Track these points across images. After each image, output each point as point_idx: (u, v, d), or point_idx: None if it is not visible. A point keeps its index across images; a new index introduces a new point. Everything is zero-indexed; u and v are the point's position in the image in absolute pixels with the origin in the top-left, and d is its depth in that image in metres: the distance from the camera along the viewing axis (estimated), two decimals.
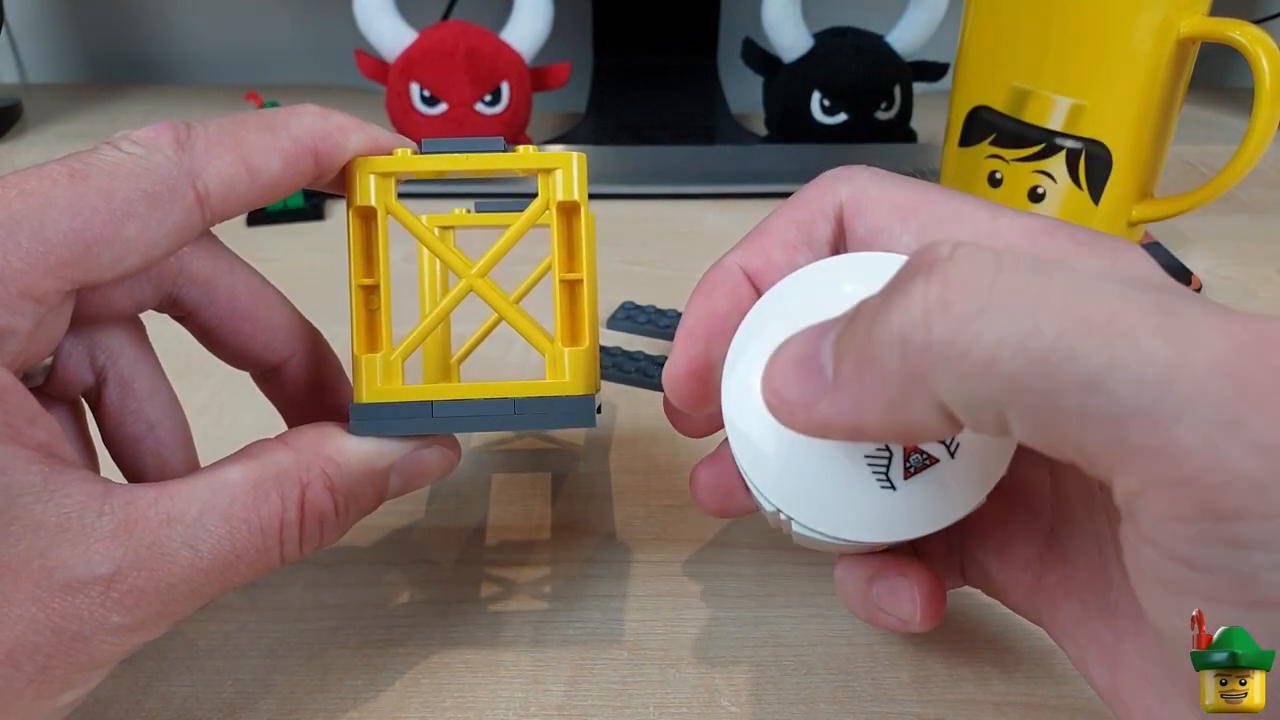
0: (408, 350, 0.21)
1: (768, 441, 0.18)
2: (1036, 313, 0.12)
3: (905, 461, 0.17)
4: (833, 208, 0.20)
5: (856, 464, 0.17)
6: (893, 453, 0.17)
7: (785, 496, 0.18)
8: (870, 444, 0.17)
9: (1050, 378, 0.12)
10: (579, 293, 0.21)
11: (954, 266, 0.13)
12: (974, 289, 0.13)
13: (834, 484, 0.17)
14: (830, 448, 0.17)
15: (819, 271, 0.19)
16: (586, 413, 0.20)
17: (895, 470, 0.17)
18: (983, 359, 0.13)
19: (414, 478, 0.21)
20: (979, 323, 0.13)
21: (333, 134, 0.20)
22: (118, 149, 0.17)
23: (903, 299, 0.13)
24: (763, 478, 0.18)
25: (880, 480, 0.17)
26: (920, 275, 0.13)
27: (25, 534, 0.16)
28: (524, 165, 0.21)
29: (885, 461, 0.17)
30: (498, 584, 0.26)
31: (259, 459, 0.19)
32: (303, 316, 0.23)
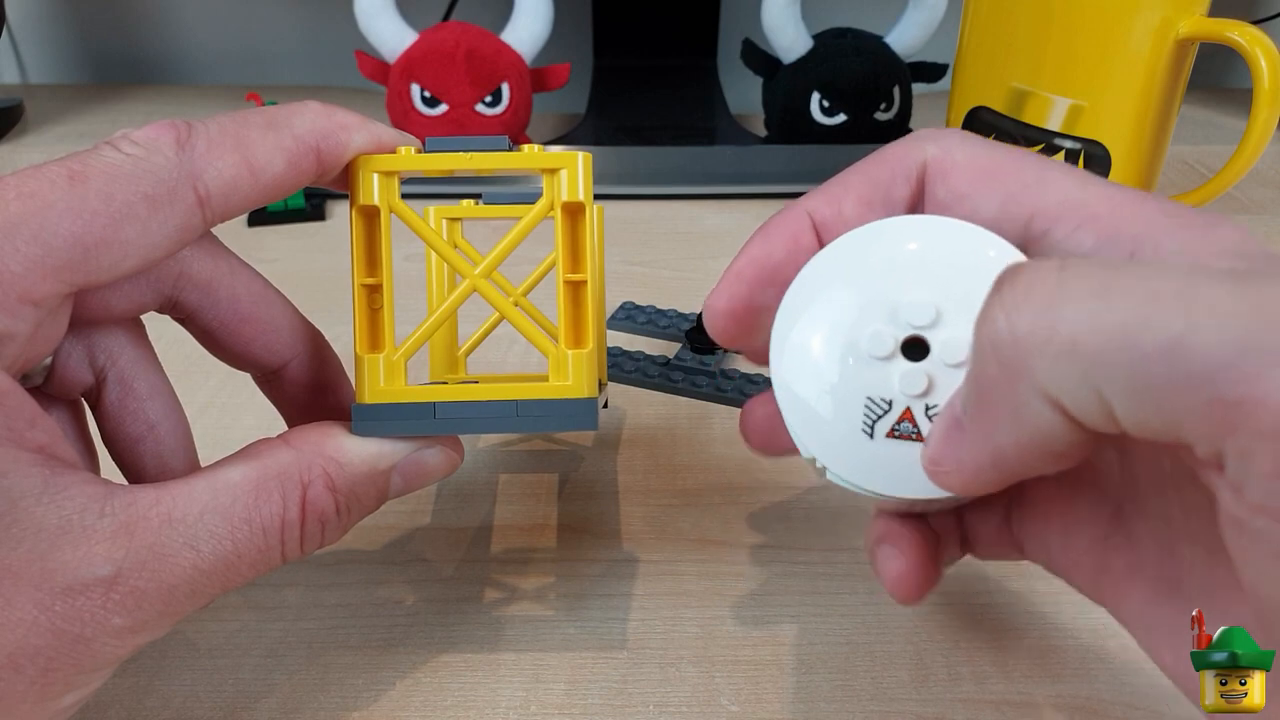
0: (410, 351, 0.21)
1: (811, 396, 0.18)
2: (1107, 294, 0.13)
3: (895, 424, 0.18)
4: (915, 167, 0.19)
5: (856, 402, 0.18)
6: (890, 409, 0.18)
7: (821, 447, 0.18)
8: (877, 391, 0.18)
9: (1132, 348, 0.13)
10: (583, 294, 0.21)
11: (1021, 276, 0.14)
12: (1043, 288, 0.14)
13: (832, 412, 0.18)
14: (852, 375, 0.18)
15: (879, 231, 0.18)
16: (589, 416, 0.20)
17: (882, 425, 0.18)
18: (1066, 341, 0.13)
19: (416, 478, 0.21)
20: (1054, 312, 0.13)
21: (336, 132, 0.20)
22: (118, 150, 0.17)
23: (984, 319, 0.15)
24: (804, 429, 0.18)
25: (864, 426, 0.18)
26: (993, 295, 0.14)
27: (26, 537, 0.16)
28: (529, 165, 0.21)
29: (879, 413, 0.18)
30: (498, 584, 0.26)
31: (260, 459, 0.19)
32: (304, 318, 0.23)
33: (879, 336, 0.17)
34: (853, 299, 0.18)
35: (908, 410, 0.18)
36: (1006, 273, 0.15)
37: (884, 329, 0.18)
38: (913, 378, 0.17)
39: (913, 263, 0.18)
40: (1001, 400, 0.15)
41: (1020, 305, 0.14)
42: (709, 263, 0.45)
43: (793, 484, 0.30)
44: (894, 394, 0.18)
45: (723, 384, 0.34)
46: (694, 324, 0.37)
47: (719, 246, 0.47)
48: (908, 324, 0.17)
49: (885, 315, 0.18)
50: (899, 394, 0.17)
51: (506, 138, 0.21)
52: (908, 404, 0.17)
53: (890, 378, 0.18)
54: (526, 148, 0.21)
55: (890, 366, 0.18)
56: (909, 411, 0.18)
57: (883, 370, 0.18)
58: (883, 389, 0.18)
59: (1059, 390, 0.14)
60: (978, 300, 0.15)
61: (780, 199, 0.52)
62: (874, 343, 0.17)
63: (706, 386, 0.34)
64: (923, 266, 0.18)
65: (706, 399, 0.34)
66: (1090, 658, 0.24)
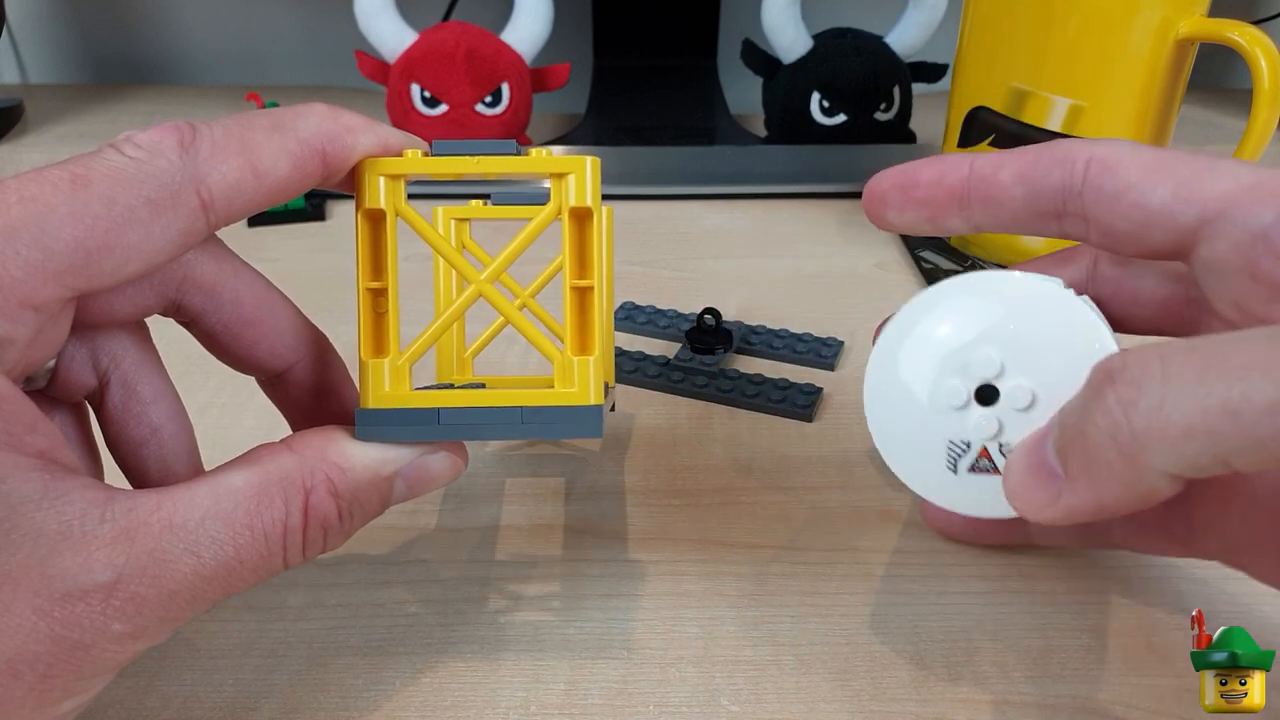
0: (415, 356, 0.20)
1: (902, 442, 0.22)
2: (1203, 380, 0.15)
3: (974, 461, 0.21)
4: (1079, 161, 0.21)
5: (940, 445, 0.21)
6: (969, 450, 0.21)
7: (917, 483, 0.22)
8: (958, 435, 0.21)
9: (1240, 419, 0.14)
10: (590, 300, 0.21)
11: (1129, 371, 0.16)
12: (1150, 383, 0.15)
13: (920, 454, 0.22)
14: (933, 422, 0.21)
15: (981, 280, 0.21)
16: (594, 423, 0.20)
17: (964, 463, 0.21)
18: (1181, 432, 0.15)
19: (419, 484, 0.21)
20: (1165, 408, 0.15)
21: (341, 135, 0.19)
22: (121, 153, 0.17)
23: (1100, 405, 0.16)
24: (900, 468, 0.22)
25: (949, 464, 0.21)
26: (1107, 385, 0.16)
27: (25, 542, 0.16)
28: (536, 169, 0.20)
29: (960, 453, 0.21)
30: (498, 585, 0.26)
31: (262, 463, 0.19)
32: (308, 321, 0.23)
33: (954, 390, 0.21)
34: (930, 353, 0.21)
35: (984, 450, 0.21)
36: (1113, 364, 0.16)
37: (958, 383, 0.21)
38: (986, 422, 0.21)
39: (990, 320, 0.21)
40: (1115, 475, 0.16)
41: (1134, 402, 0.16)
42: (709, 263, 0.45)
43: (793, 484, 0.30)
44: (971, 437, 0.21)
45: (723, 384, 0.34)
46: (694, 324, 0.37)
47: (719, 246, 0.47)
48: (978, 376, 0.21)
49: (958, 369, 0.21)
50: (976, 437, 0.21)
51: (514, 141, 0.20)
52: (984, 444, 0.21)
53: (967, 423, 0.21)
54: (534, 151, 0.20)
55: (965, 414, 0.21)
56: (985, 451, 0.21)
57: (960, 417, 0.21)
58: (962, 434, 0.21)
59: (1175, 468, 0.15)
60: (1043, 355, 0.20)
61: (780, 199, 0.52)
62: (951, 395, 0.21)
63: (706, 386, 0.34)
64: (998, 323, 0.21)
65: (706, 399, 0.34)
66: (1090, 658, 0.24)
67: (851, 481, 0.30)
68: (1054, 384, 0.20)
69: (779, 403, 0.33)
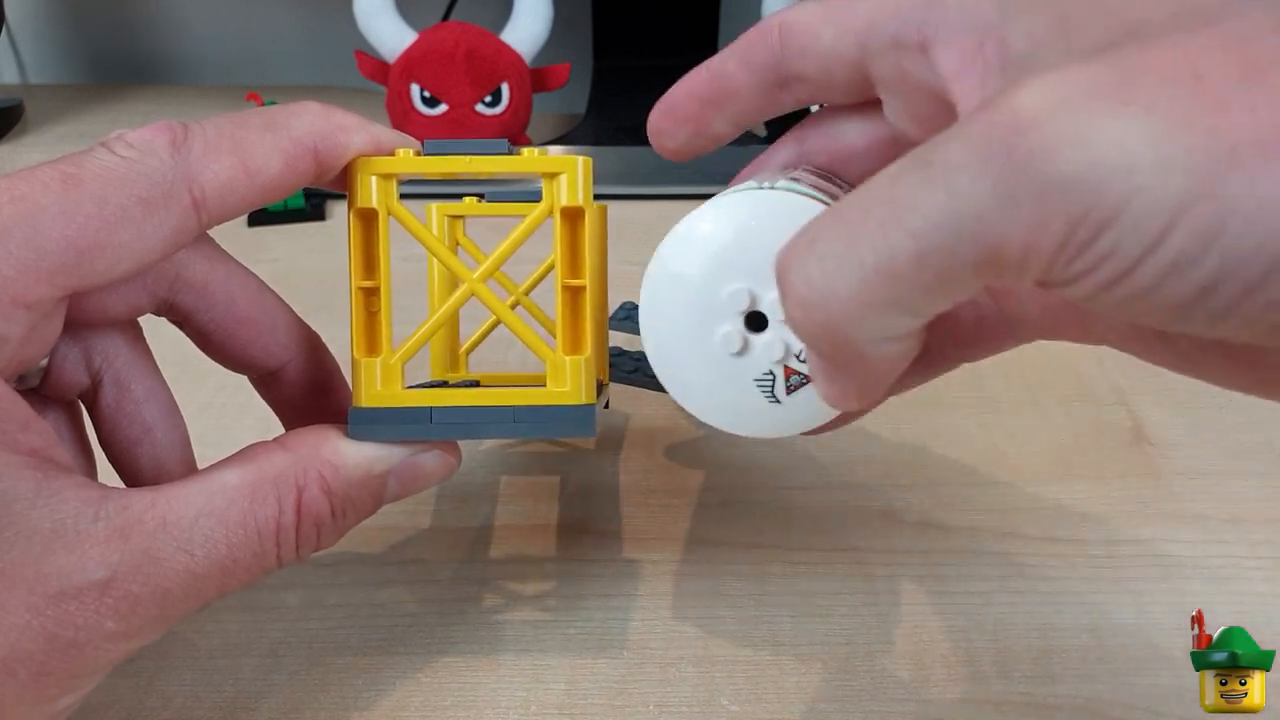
0: (408, 354, 0.21)
1: (720, 403, 0.21)
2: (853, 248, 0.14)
3: (786, 383, 0.20)
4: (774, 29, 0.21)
5: (750, 388, 0.21)
6: (775, 376, 0.20)
7: (753, 431, 0.21)
8: (756, 371, 0.20)
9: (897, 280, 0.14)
10: (581, 300, 0.21)
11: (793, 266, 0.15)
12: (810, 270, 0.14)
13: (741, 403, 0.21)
14: (731, 373, 0.21)
15: (691, 223, 0.21)
16: (587, 422, 0.20)
17: (779, 389, 0.21)
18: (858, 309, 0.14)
19: (412, 483, 0.21)
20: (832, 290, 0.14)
21: (334, 134, 0.19)
22: (112, 152, 0.17)
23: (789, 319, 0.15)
24: (729, 426, 0.21)
25: (768, 397, 0.21)
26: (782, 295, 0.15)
27: (19, 541, 0.16)
28: (527, 169, 0.20)
29: (770, 383, 0.21)
30: (498, 584, 0.26)
31: (256, 462, 0.19)
32: (301, 320, 0.23)
33: (728, 337, 0.20)
34: (688, 315, 0.20)
35: (787, 369, 0.20)
36: (779, 266, 0.15)
37: (728, 328, 0.20)
38: (772, 347, 0.20)
39: (728, 254, 0.20)
40: (847, 360, 0.15)
41: (804, 298, 0.15)
42: None
43: (793, 484, 0.30)
44: (769, 366, 0.20)
45: None
46: None
47: None
48: (738, 312, 0.20)
49: (717, 316, 0.20)
50: (772, 364, 0.20)
51: (506, 140, 0.21)
52: (784, 365, 0.20)
53: (757, 357, 0.20)
54: (525, 151, 0.21)
55: (751, 350, 0.20)
56: (789, 369, 0.20)
57: (749, 357, 0.20)
58: (759, 368, 0.20)
59: (881, 332, 0.15)
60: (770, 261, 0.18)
61: None
62: (727, 343, 0.20)
63: None
64: (734, 254, 0.20)
65: None
66: (1090, 658, 0.24)
67: (852, 481, 0.30)
68: None
69: None
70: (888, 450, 0.32)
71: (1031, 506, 0.29)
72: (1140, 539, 0.27)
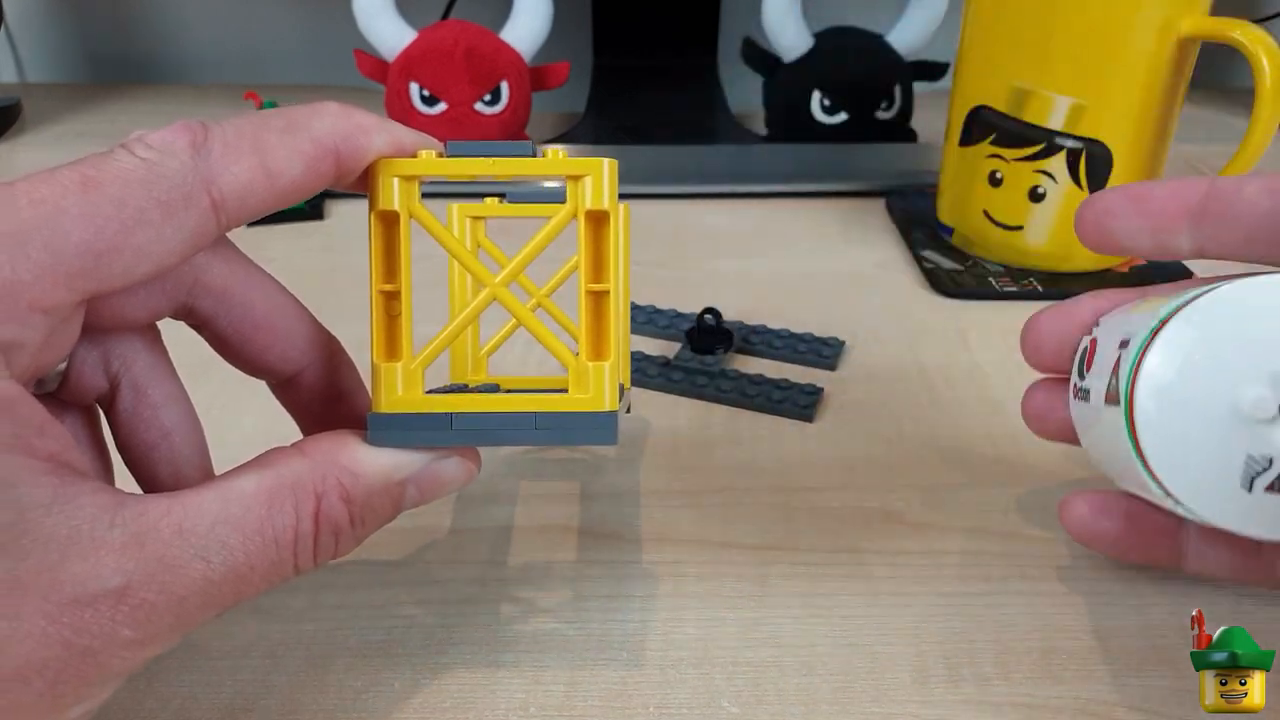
0: (428, 360, 0.20)
1: (1188, 447, 0.20)
2: None
3: (1276, 478, 0.19)
4: None
5: (1237, 460, 0.20)
6: (1273, 465, 0.19)
7: (1192, 495, 0.20)
8: (1259, 449, 0.19)
9: None
10: (605, 305, 0.20)
11: None
12: None
13: (1210, 470, 0.20)
14: (1229, 437, 0.20)
15: (1255, 287, 0.20)
16: (609, 429, 0.20)
17: (1262, 480, 0.20)
18: None
19: (432, 490, 0.21)
20: None
21: (355, 135, 0.19)
22: (132, 154, 0.17)
23: None
24: (1175, 476, 0.20)
25: (1243, 481, 0.20)
26: None
27: (35, 548, 0.15)
28: (552, 171, 0.20)
29: (1260, 469, 0.20)
30: (497, 585, 0.26)
31: (273, 468, 0.18)
32: (320, 325, 0.23)
33: (1262, 401, 0.19)
34: (1230, 356, 0.19)
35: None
36: None
37: (1267, 394, 0.19)
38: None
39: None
40: None
41: None
42: (709, 263, 0.45)
43: (793, 484, 0.30)
44: (1274, 453, 0.19)
45: (723, 384, 0.34)
46: (694, 324, 0.37)
47: (719, 246, 0.47)
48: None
49: (1268, 379, 0.19)
50: (1278, 453, 0.19)
51: (530, 142, 0.20)
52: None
53: (1271, 438, 0.19)
54: (550, 152, 0.20)
55: (1271, 427, 0.19)
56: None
57: (1263, 431, 0.19)
58: (1263, 448, 0.19)
59: None
60: None
61: (781, 198, 0.52)
62: (1258, 406, 0.19)
63: (706, 386, 0.34)
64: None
65: (706, 399, 0.34)
66: (1092, 659, 0.24)
67: (852, 482, 0.30)
68: None
69: (779, 403, 0.33)
70: (888, 450, 0.32)
71: (1032, 507, 0.29)
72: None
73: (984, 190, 0.42)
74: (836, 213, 0.50)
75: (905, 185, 0.52)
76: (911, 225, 0.48)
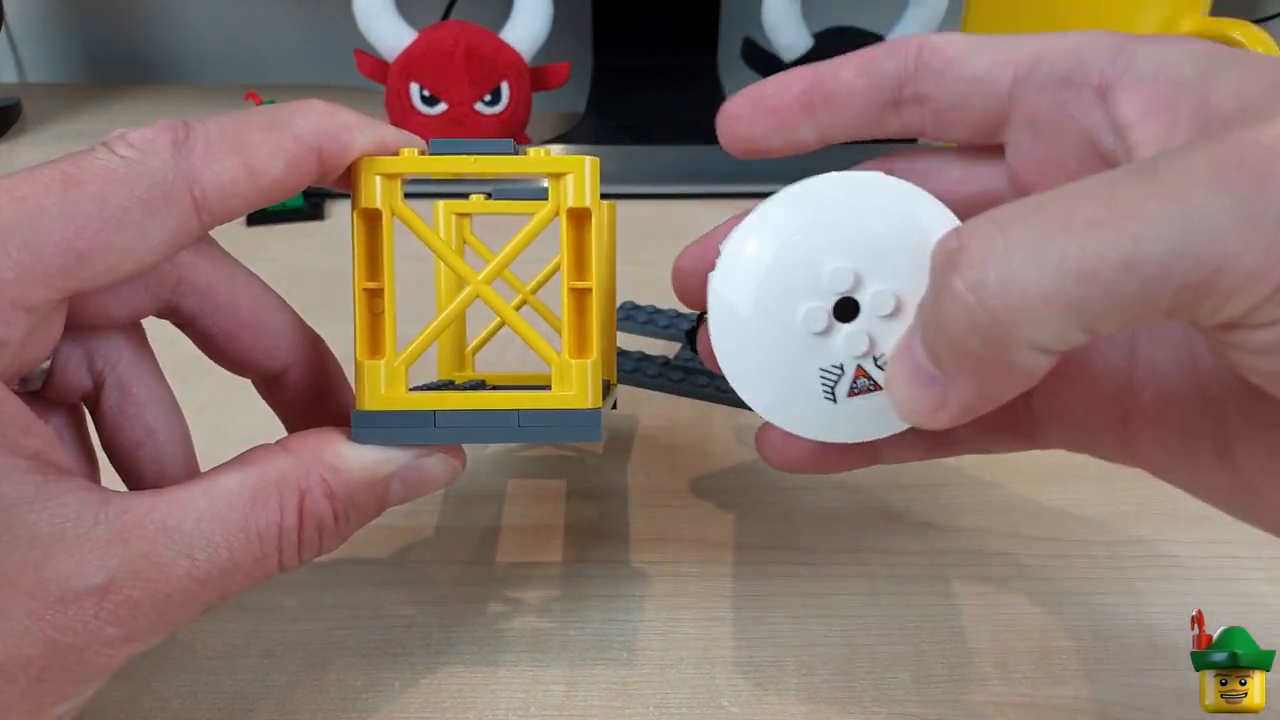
0: (412, 357, 0.20)
1: (768, 378, 0.20)
2: (1051, 238, 0.14)
3: (852, 383, 0.19)
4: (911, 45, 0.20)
5: (812, 376, 0.20)
6: (844, 372, 0.19)
7: (789, 420, 0.20)
8: (827, 360, 0.19)
9: (1098, 281, 0.13)
10: (587, 302, 0.21)
11: (969, 249, 0.14)
12: (994, 257, 0.14)
13: (792, 390, 0.20)
14: (799, 355, 0.19)
15: (802, 195, 0.20)
16: (592, 427, 0.20)
17: (841, 388, 0.20)
18: (1040, 305, 0.14)
19: (416, 486, 0.21)
20: (1017, 282, 0.14)
21: (338, 133, 0.19)
22: (113, 152, 0.17)
23: (949, 294, 0.15)
24: (767, 407, 0.20)
25: (825, 393, 0.20)
26: (950, 270, 0.14)
27: (19, 545, 0.15)
28: (534, 169, 0.20)
29: (835, 378, 0.20)
30: (497, 585, 0.26)
31: (258, 465, 0.19)
32: (304, 323, 0.23)
33: (813, 314, 0.19)
34: (781, 275, 0.19)
35: (859, 369, 0.19)
36: (950, 244, 0.15)
37: (815, 305, 0.19)
38: (855, 339, 0.19)
39: (829, 230, 0.19)
40: (988, 361, 0.15)
41: (983, 280, 0.14)
42: None
43: (793, 484, 0.30)
44: (843, 359, 0.19)
45: (722, 384, 0.34)
46: (694, 324, 0.37)
47: None
48: (833, 292, 0.19)
49: (812, 289, 0.19)
50: (847, 358, 0.19)
51: (511, 140, 0.20)
52: (858, 363, 0.19)
53: (834, 345, 0.19)
54: (532, 151, 0.20)
55: (831, 336, 0.19)
56: (860, 369, 0.19)
57: (826, 341, 0.19)
58: (831, 357, 0.19)
59: (1046, 341, 0.14)
60: (895, 254, 0.18)
61: None
62: (811, 319, 0.19)
63: (706, 386, 0.34)
64: (838, 231, 0.19)
65: (706, 399, 0.34)
66: (1091, 658, 0.24)
67: (852, 481, 0.30)
68: (914, 280, 0.18)
69: None
70: None
71: (1032, 506, 0.29)
72: (1140, 539, 0.27)
73: None
74: None
75: None
76: None
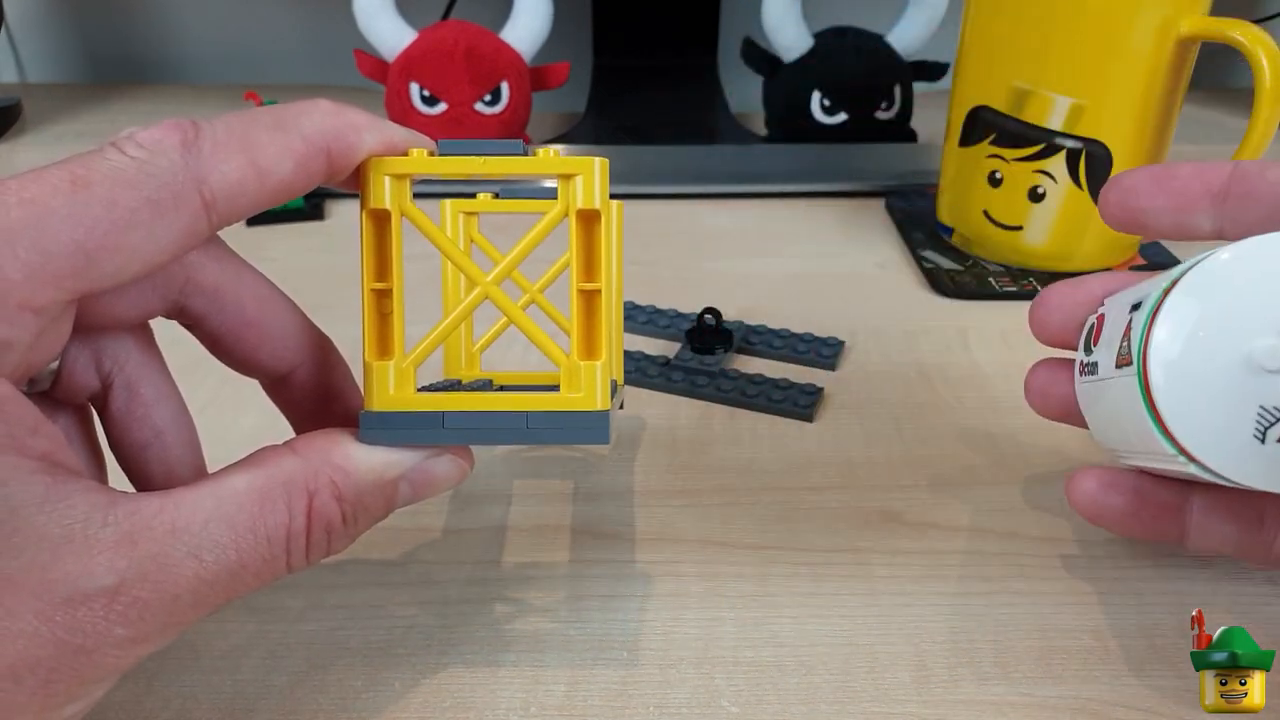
0: (420, 358, 0.20)
1: (1199, 401, 0.20)
2: None
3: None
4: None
5: (1248, 412, 0.19)
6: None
7: (1203, 448, 0.20)
8: (1270, 400, 0.19)
9: None
10: (596, 303, 0.20)
11: None
12: None
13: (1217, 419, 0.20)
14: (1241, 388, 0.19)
15: (1266, 244, 0.20)
16: (601, 429, 0.20)
17: (1275, 431, 0.19)
18: None
19: (424, 488, 0.21)
20: None
21: (346, 133, 0.19)
22: (122, 152, 0.17)
23: None
24: (1185, 429, 0.20)
25: (1256, 431, 0.19)
26: None
27: (27, 546, 0.15)
28: (544, 170, 0.20)
29: (1270, 421, 0.19)
30: (497, 585, 0.26)
31: (266, 466, 0.18)
32: (312, 323, 0.23)
33: (1274, 351, 0.19)
34: (1240, 310, 0.19)
35: None
36: None
37: (1275, 342, 0.19)
38: None
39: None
40: None
41: None
42: (709, 263, 0.45)
43: (793, 484, 0.30)
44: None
45: (723, 384, 0.34)
46: (694, 324, 0.37)
47: (719, 246, 0.47)
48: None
49: (1273, 327, 0.19)
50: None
51: (521, 141, 0.20)
52: None
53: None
54: (541, 151, 0.20)
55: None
56: None
57: (1275, 382, 0.19)
58: (1275, 399, 0.19)
59: None
60: None
61: (781, 198, 0.52)
62: (1269, 356, 0.19)
63: (706, 386, 0.34)
64: None
65: (706, 399, 0.34)
66: (1092, 659, 0.24)
67: (852, 481, 0.30)
68: None
69: (779, 403, 0.33)
70: (888, 450, 0.32)
71: (1032, 506, 0.29)
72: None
73: (984, 190, 0.42)
74: (836, 213, 0.50)
75: (905, 185, 0.52)
76: (911, 225, 0.48)
